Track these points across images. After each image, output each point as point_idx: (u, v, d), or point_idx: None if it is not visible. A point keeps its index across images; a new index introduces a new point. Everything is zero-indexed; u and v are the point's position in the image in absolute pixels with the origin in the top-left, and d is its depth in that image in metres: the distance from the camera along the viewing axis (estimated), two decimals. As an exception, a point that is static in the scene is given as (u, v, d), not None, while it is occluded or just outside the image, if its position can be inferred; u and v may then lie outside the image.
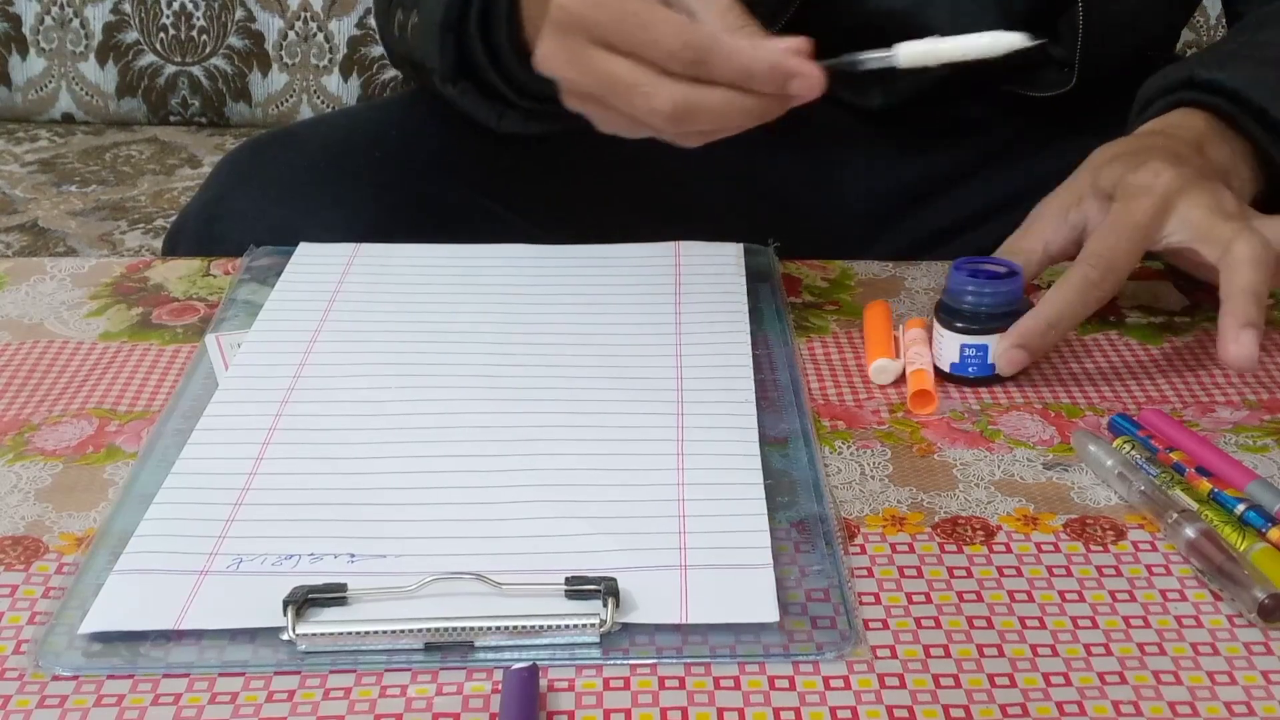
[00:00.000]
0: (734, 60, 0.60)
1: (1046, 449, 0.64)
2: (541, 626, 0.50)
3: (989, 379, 0.68)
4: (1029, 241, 0.72)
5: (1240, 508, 0.57)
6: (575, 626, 0.50)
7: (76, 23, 1.81)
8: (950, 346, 0.68)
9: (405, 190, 0.85)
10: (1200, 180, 0.68)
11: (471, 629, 0.50)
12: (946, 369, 0.68)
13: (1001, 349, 0.68)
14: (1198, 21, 1.75)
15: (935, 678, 0.49)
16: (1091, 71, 0.91)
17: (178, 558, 0.54)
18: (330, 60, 1.81)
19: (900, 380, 0.69)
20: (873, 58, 0.64)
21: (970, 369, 0.68)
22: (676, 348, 0.70)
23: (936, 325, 0.69)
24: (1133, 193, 0.68)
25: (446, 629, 0.50)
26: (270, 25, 1.81)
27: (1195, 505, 0.58)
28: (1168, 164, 0.68)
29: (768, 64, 0.60)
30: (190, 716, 0.48)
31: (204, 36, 1.81)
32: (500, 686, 0.48)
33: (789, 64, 0.60)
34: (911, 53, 0.64)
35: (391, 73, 1.81)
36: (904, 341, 0.71)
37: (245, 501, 0.58)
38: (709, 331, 0.71)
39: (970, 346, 0.68)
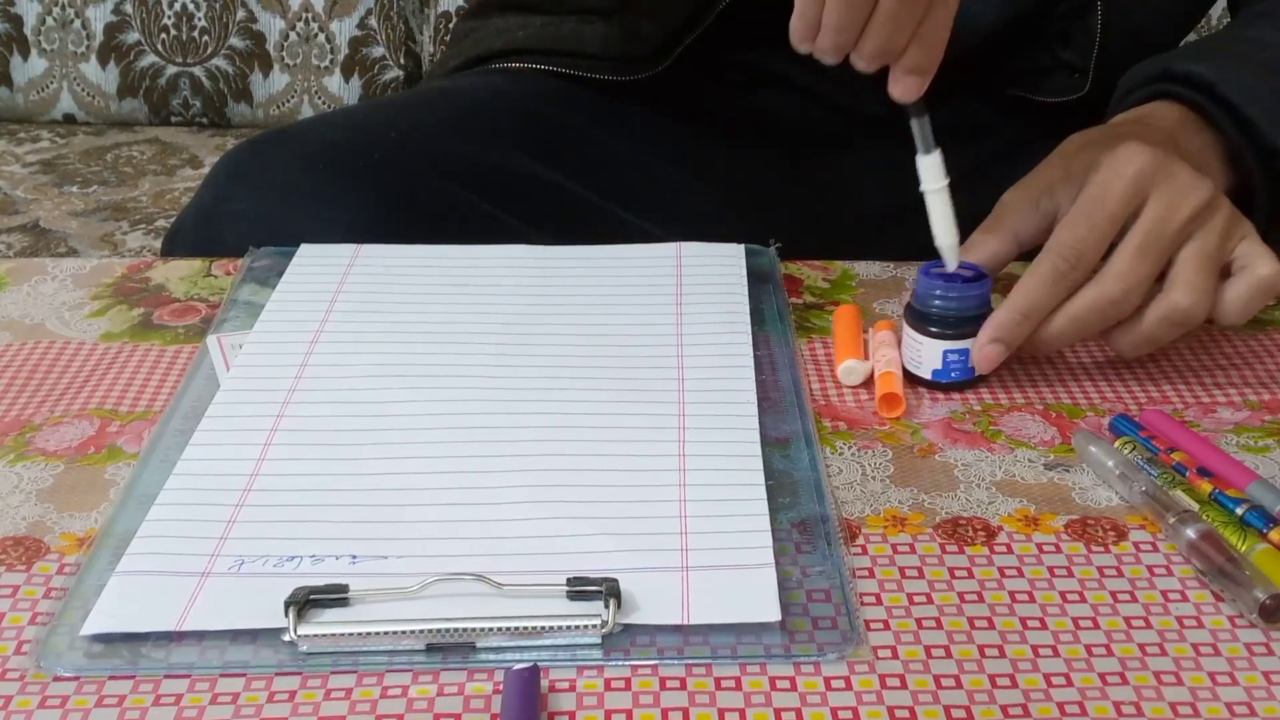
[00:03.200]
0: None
1: (1048, 449, 0.64)
2: (543, 627, 0.50)
3: (969, 383, 0.68)
4: (998, 232, 0.70)
5: (1241, 508, 0.57)
6: (576, 627, 0.50)
7: (78, 23, 1.81)
8: (931, 353, 0.68)
9: (404, 191, 0.85)
10: (1171, 163, 0.67)
11: (473, 630, 0.50)
12: (928, 376, 0.68)
13: (978, 345, 0.67)
14: (1200, 27, 1.74)
15: (936, 678, 0.49)
16: (1101, 78, 0.91)
17: (179, 559, 0.54)
18: (331, 61, 1.81)
19: (870, 382, 0.69)
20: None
21: (953, 373, 0.68)
22: (678, 348, 0.70)
23: (911, 331, 0.68)
24: (1104, 179, 0.67)
25: (448, 630, 0.50)
26: (271, 26, 1.81)
27: (1196, 506, 0.58)
28: (1140, 151, 0.67)
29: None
30: (191, 717, 0.48)
31: (205, 37, 1.81)
32: (501, 687, 0.48)
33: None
34: (923, 166, 0.68)
35: (392, 73, 1.81)
36: (872, 344, 0.70)
37: (247, 503, 0.58)
38: (710, 332, 0.71)
39: (953, 352, 0.67)
